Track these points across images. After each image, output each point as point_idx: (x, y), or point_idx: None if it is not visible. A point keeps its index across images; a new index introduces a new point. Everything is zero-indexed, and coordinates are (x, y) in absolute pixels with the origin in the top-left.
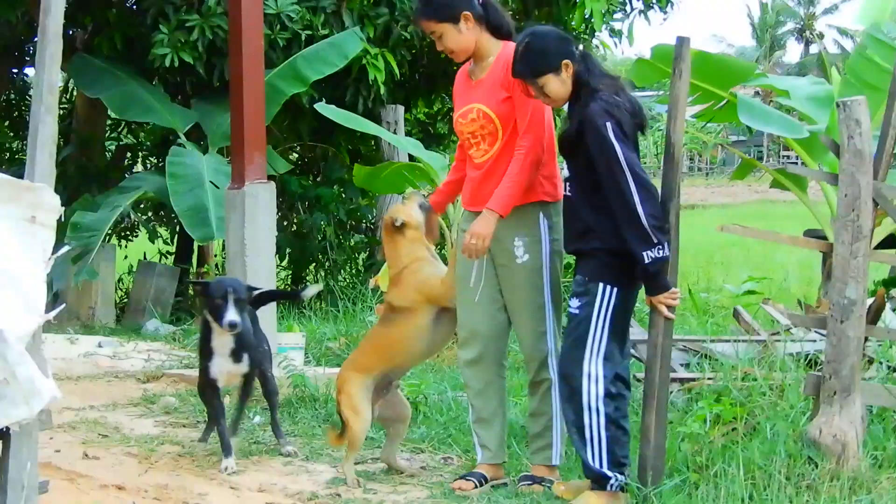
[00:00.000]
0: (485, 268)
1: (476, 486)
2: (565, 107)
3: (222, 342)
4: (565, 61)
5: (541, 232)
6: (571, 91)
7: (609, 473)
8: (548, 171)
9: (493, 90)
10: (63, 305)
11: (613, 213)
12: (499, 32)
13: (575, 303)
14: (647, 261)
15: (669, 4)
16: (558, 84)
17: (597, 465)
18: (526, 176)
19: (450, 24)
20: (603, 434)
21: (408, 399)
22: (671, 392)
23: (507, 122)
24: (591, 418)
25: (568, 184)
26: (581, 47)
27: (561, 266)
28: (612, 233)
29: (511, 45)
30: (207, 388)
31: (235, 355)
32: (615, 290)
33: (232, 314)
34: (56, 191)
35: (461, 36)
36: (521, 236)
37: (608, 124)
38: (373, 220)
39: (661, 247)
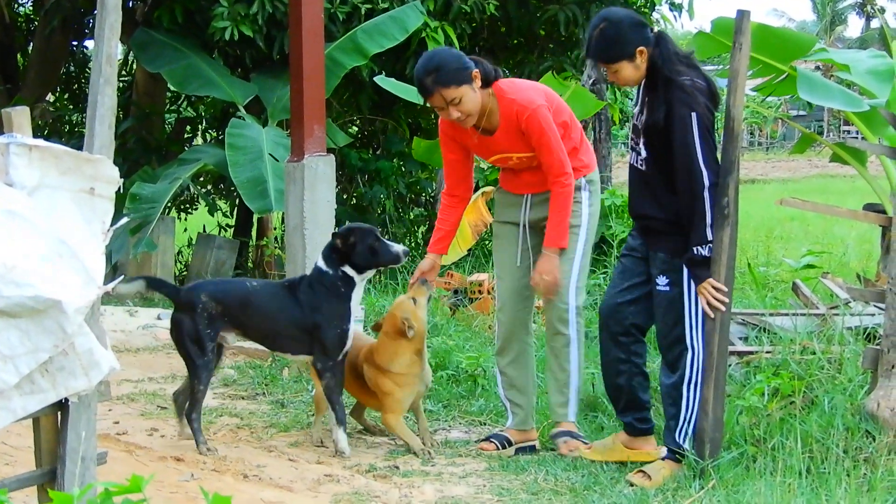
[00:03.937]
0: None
1: (497, 449)
2: (633, 89)
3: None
4: (640, 48)
5: (582, 197)
6: (646, 76)
7: (688, 451)
8: (577, 148)
9: (517, 138)
10: (122, 277)
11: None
12: (488, 83)
13: (663, 280)
14: (694, 254)
15: None
16: (632, 70)
17: (680, 440)
18: (568, 204)
19: (466, 85)
20: (695, 409)
21: (466, 372)
22: (730, 365)
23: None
24: (689, 393)
25: (643, 162)
26: (656, 29)
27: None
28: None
29: (500, 87)
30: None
31: None
32: None
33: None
34: (116, 164)
35: (475, 95)
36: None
37: (693, 115)
38: (432, 194)
39: (710, 245)
